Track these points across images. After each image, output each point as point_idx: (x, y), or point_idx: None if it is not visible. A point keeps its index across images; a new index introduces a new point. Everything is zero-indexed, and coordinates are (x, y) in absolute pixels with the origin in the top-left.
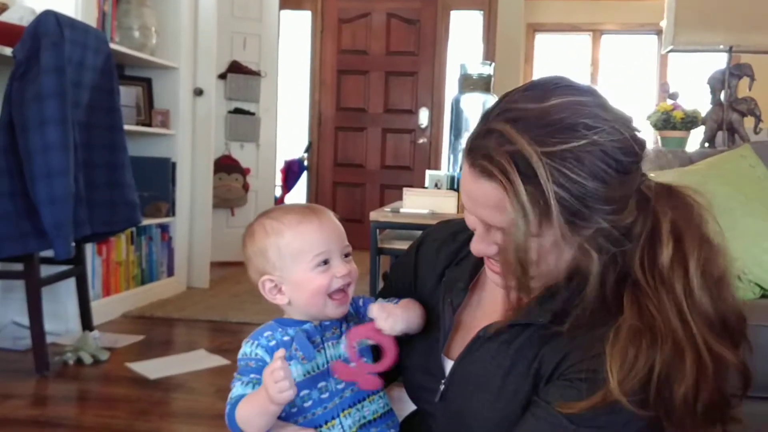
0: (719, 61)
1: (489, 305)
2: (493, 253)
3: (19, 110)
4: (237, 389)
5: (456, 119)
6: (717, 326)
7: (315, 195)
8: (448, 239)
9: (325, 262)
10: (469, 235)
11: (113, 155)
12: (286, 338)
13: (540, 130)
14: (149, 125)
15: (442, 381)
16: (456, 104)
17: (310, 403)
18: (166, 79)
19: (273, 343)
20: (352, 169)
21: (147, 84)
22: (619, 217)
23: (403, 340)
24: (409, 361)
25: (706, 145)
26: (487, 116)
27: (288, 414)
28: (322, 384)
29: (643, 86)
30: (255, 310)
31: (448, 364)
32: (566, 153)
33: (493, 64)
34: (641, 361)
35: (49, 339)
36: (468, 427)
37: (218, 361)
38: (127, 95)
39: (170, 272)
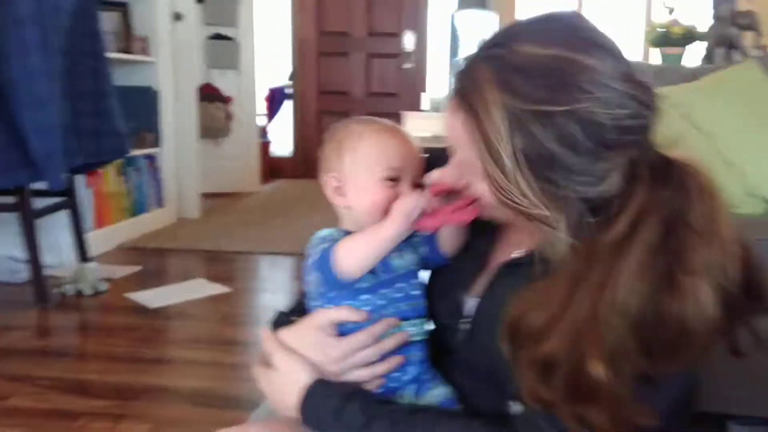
0: None
1: (514, 240)
2: (458, 184)
3: None
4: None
5: (453, 38)
6: (631, 339)
7: (300, 124)
8: None
9: (394, 179)
10: None
11: (97, 83)
12: None
13: (521, 81)
14: (129, 53)
15: (463, 320)
16: (453, 22)
17: (369, 308)
18: (143, 4)
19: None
20: (337, 97)
21: (124, 9)
22: (593, 189)
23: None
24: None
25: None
26: (483, 47)
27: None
28: (383, 291)
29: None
30: (247, 238)
31: (471, 303)
32: (539, 113)
33: None
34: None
35: (45, 272)
36: (495, 364)
37: (219, 288)
38: (105, 21)
39: (159, 203)
